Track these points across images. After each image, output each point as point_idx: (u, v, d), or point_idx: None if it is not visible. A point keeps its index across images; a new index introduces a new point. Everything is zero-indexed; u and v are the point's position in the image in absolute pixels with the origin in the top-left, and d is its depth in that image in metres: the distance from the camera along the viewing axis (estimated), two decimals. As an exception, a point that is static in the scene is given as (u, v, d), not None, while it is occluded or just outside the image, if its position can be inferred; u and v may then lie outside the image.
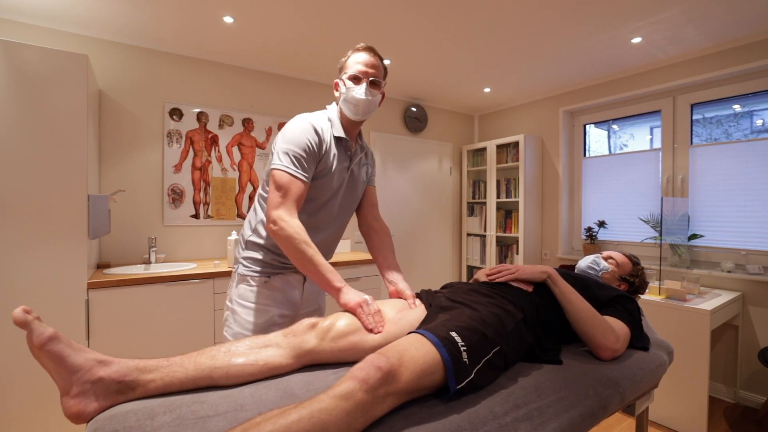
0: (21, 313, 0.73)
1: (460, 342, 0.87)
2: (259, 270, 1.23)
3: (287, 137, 1.14)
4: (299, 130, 1.15)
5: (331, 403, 0.66)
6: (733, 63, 2.57)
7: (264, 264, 1.24)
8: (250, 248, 1.25)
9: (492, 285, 1.21)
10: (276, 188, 1.11)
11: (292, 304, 1.28)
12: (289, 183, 1.11)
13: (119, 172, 2.55)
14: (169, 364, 0.82)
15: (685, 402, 2.14)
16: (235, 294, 1.24)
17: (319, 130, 1.17)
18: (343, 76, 1.23)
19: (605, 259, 1.50)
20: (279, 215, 1.08)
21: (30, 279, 1.79)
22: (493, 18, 2.27)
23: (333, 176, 1.22)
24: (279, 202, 1.09)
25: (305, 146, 1.14)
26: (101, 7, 2.16)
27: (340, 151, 1.24)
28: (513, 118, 4.09)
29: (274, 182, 1.12)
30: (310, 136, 1.15)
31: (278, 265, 1.25)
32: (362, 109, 1.22)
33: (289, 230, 1.07)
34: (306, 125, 1.16)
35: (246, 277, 1.23)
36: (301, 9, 2.18)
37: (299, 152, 1.13)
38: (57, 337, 0.74)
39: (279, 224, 1.08)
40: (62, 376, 0.74)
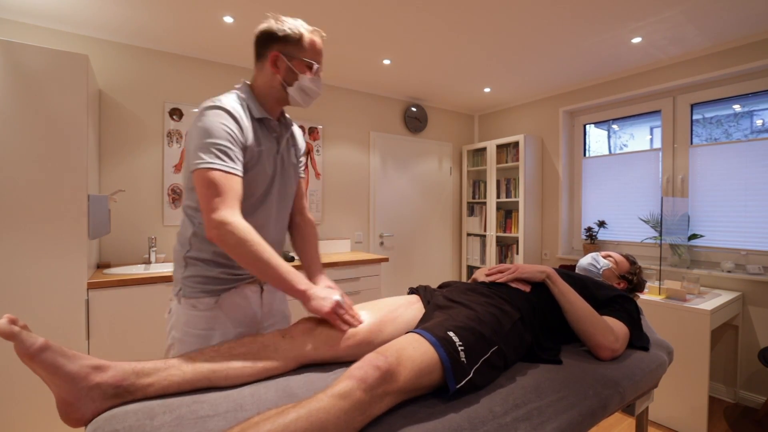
0: (6, 324, 0.67)
1: (458, 342, 0.87)
2: (206, 290, 1.04)
3: (202, 130, 0.96)
4: (213, 119, 0.97)
5: (330, 402, 0.67)
6: (733, 63, 2.57)
7: (211, 280, 1.05)
8: (191, 265, 1.06)
9: (489, 285, 1.21)
10: (207, 189, 0.93)
11: (251, 320, 1.11)
12: (220, 180, 0.94)
13: (119, 172, 2.55)
14: (166, 367, 0.81)
15: (685, 402, 2.14)
16: (181, 321, 1.05)
17: (235, 113, 1.00)
18: (298, 56, 1.05)
19: (604, 258, 1.52)
20: (221, 218, 0.92)
21: (30, 279, 1.79)
22: (493, 18, 2.27)
23: (264, 165, 1.07)
24: (216, 203, 0.93)
25: (226, 135, 0.97)
26: (101, 7, 2.17)
27: (264, 134, 1.08)
28: (513, 118, 4.09)
29: (202, 184, 0.94)
30: (227, 122, 0.98)
31: (228, 278, 1.06)
32: (314, 100, 1.13)
33: (237, 234, 0.92)
34: (218, 111, 0.98)
35: (191, 300, 1.04)
36: (301, 9, 2.18)
37: (221, 143, 0.96)
38: (48, 346, 0.71)
39: (224, 229, 0.91)
40: (57, 384, 0.72)
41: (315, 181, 3.32)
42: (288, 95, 1.09)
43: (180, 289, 1.06)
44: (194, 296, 1.04)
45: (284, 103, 1.12)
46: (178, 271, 1.08)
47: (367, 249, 3.66)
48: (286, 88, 1.08)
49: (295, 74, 1.06)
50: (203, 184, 0.94)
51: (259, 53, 1.08)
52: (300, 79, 1.07)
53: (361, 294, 2.95)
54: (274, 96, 1.10)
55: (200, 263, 1.05)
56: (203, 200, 0.94)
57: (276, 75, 1.06)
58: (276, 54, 1.04)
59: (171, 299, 1.12)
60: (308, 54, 1.06)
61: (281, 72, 1.06)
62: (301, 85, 1.08)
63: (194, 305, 1.04)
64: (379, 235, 3.73)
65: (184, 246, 1.08)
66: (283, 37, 1.04)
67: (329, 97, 3.43)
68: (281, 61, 1.05)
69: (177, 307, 1.07)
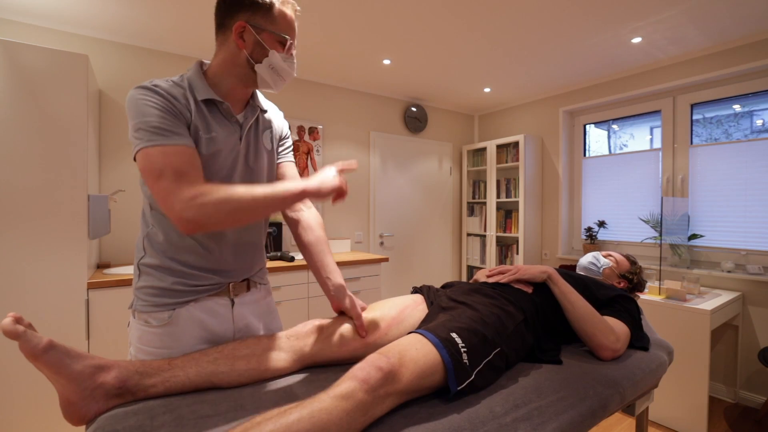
0: (10, 324, 0.66)
1: (461, 343, 0.87)
2: (159, 303, 0.90)
3: (130, 116, 0.83)
4: (139, 98, 0.83)
5: (332, 403, 0.66)
6: (733, 63, 2.57)
7: (164, 292, 0.90)
8: (145, 275, 0.92)
9: (493, 285, 1.21)
10: (152, 174, 0.78)
11: (217, 337, 0.95)
12: (163, 156, 0.79)
13: (119, 172, 2.55)
14: (170, 368, 0.81)
15: (685, 402, 2.14)
16: (135, 338, 0.92)
17: (162, 91, 0.85)
18: (269, 28, 0.89)
19: (605, 257, 1.53)
20: (185, 198, 0.76)
21: (30, 279, 1.79)
22: (494, 18, 2.27)
23: (218, 155, 0.91)
24: (170, 186, 0.77)
25: (155, 110, 0.82)
26: (101, 7, 2.16)
27: (217, 120, 0.92)
28: (513, 118, 4.09)
29: (145, 169, 0.79)
30: (153, 98, 0.83)
31: (184, 290, 0.91)
32: (287, 83, 0.98)
33: (210, 202, 0.77)
34: (142, 90, 0.84)
35: (144, 315, 0.91)
36: (301, 9, 2.18)
37: (152, 119, 0.81)
38: (53, 346, 0.70)
39: (193, 207, 0.76)
40: (61, 384, 0.72)
41: (315, 181, 3.32)
42: (256, 74, 0.92)
43: (133, 301, 0.94)
44: (146, 310, 0.90)
45: (251, 85, 0.95)
46: (134, 281, 0.95)
47: (367, 249, 3.66)
48: (254, 66, 0.91)
49: (264, 50, 0.90)
50: (147, 169, 0.78)
51: (221, 23, 0.91)
52: (270, 55, 0.90)
53: (361, 294, 2.95)
54: (236, 75, 0.93)
55: (153, 271, 0.92)
56: (156, 189, 0.78)
57: (241, 50, 0.90)
58: (242, 24, 0.88)
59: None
60: (280, 27, 0.91)
61: (248, 46, 0.90)
62: (272, 62, 0.91)
63: (146, 320, 0.90)
64: (379, 235, 3.73)
65: (139, 251, 0.95)
66: (249, 4, 0.88)
67: (329, 97, 3.43)
68: (248, 33, 0.88)
69: (132, 322, 0.94)
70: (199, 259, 0.93)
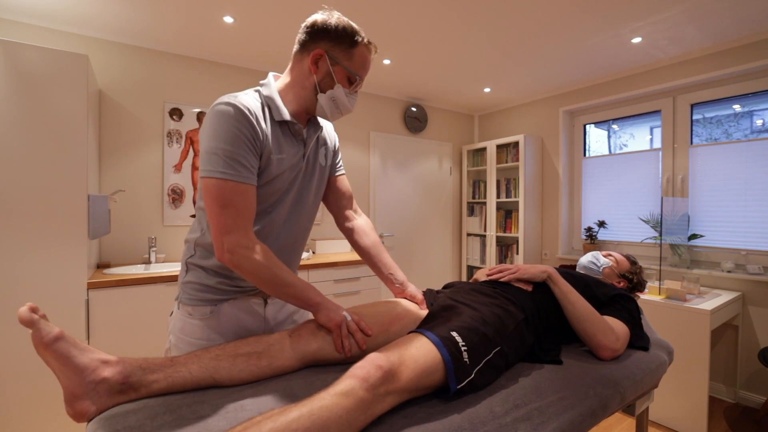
0: (27, 312, 0.70)
1: (461, 342, 0.87)
2: (203, 298, 0.99)
3: (213, 131, 0.86)
4: (225, 119, 0.86)
5: (332, 401, 0.67)
6: (733, 63, 2.57)
7: (209, 290, 0.99)
8: (192, 271, 1.00)
9: (493, 285, 1.21)
10: (216, 203, 0.85)
11: (250, 333, 1.03)
12: (231, 194, 0.85)
13: (119, 172, 2.55)
14: (173, 364, 0.82)
15: (685, 402, 2.14)
16: (177, 327, 1.01)
17: (252, 115, 0.89)
18: (344, 63, 0.94)
19: (605, 257, 1.53)
20: (235, 243, 0.86)
21: (30, 279, 1.79)
22: (493, 18, 2.27)
23: (283, 174, 0.97)
24: (227, 224, 0.85)
25: (239, 139, 0.86)
26: (101, 7, 2.16)
27: (287, 139, 0.97)
28: (513, 118, 4.09)
29: (211, 196, 0.86)
30: (241, 125, 0.86)
31: (227, 289, 1.00)
32: (342, 116, 1.03)
33: (253, 260, 0.87)
34: (232, 110, 0.86)
35: (188, 307, 0.99)
36: (301, 9, 2.18)
37: (232, 149, 0.85)
38: (63, 336, 0.73)
39: (238, 254, 0.86)
40: (67, 375, 0.73)
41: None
42: (317, 102, 0.97)
43: (180, 294, 1.03)
44: (191, 303, 0.99)
45: (311, 109, 1.00)
46: (181, 275, 1.04)
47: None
48: (317, 94, 0.96)
49: (332, 81, 0.95)
50: (212, 196, 0.86)
51: (303, 44, 0.95)
52: (335, 88, 0.95)
53: (361, 294, 2.95)
54: (302, 97, 0.98)
55: (200, 270, 1.00)
56: (212, 216, 0.87)
57: (312, 75, 0.94)
58: (321, 52, 0.92)
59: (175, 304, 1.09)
60: (356, 66, 0.96)
61: (319, 74, 0.94)
62: (335, 95, 0.96)
63: (190, 313, 0.99)
64: (380, 235, 3.73)
65: (189, 250, 1.02)
66: (335, 36, 0.92)
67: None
68: (323, 61, 0.93)
69: (176, 312, 1.03)
70: None
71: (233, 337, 1.00)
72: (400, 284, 1.18)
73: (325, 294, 2.71)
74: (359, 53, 0.95)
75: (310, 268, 2.70)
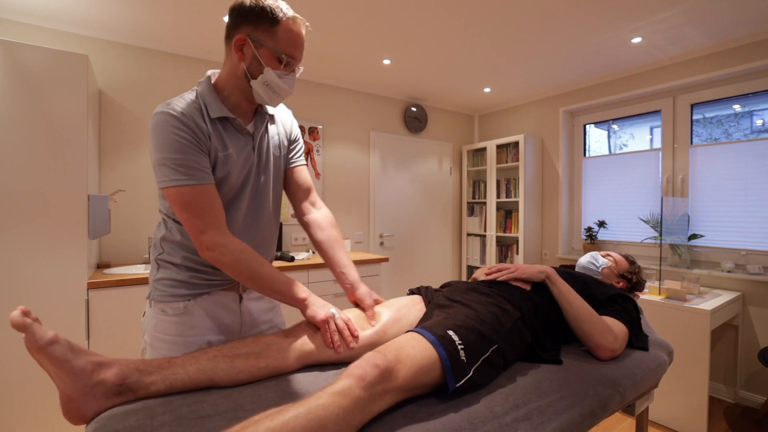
0: (19, 316, 0.69)
1: (458, 340, 0.87)
2: (175, 294, 0.98)
3: (156, 142, 0.88)
4: (164, 128, 0.87)
5: (329, 400, 0.67)
6: (733, 63, 2.57)
7: (181, 284, 0.99)
8: (162, 268, 1.00)
9: (490, 284, 1.21)
10: (182, 209, 0.88)
11: (228, 329, 1.04)
12: (194, 198, 0.88)
13: (119, 172, 2.55)
14: (170, 366, 0.82)
15: (685, 402, 2.14)
16: (151, 326, 1.00)
17: (186, 119, 0.89)
18: (269, 44, 0.89)
19: (603, 257, 1.52)
20: (211, 241, 0.88)
21: (30, 279, 1.79)
22: (494, 18, 2.27)
23: (232, 169, 0.96)
24: (199, 225, 0.88)
25: (182, 146, 0.87)
26: (101, 7, 2.17)
27: (230, 135, 0.96)
28: (513, 118, 4.09)
29: (176, 204, 0.88)
30: (179, 131, 0.87)
31: (199, 282, 1.00)
32: (284, 99, 0.99)
33: (231, 254, 0.90)
34: (167, 118, 0.87)
35: (161, 304, 0.99)
36: (301, 9, 2.18)
37: (179, 157, 0.87)
38: (57, 340, 0.72)
39: (217, 251, 0.89)
40: (62, 379, 0.72)
41: (315, 181, 3.32)
42: (252, 89, 0.94)
43: (151, 292, 1.02)
44: (163, 300, 0.98)
45: (250, 98, 0.97)
46: (152, 274, 1.03)
47: (367, 249, 3.66)
48: (249, 81, 0.93)
49: (260, 65, 0.90)
50: (176, 203, 0.88)
51: (228, 33, 0.92)
52: (265, 72, 0.91)
53: (361, 294, 2.95)
54: (238, 87, 0.94)
55: (171, 266, 1.00)
56: (184, 221, 0.90)
57: (240, 63, 0.91)
58: (242, 37, 0.89)
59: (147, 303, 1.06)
60: (282, 44, 0.90)
61: (246, 60, 0.90)
62: (267, 79, 0.91)
63: (163, 309, 0.98)
64: (379, 235, 3.73)
65: (157, 248, 1.03)
66: (254, 17, 0.88)
67: (329, 97, 3.43)
68: (248, 47, 0.89)
69: (149, 311, 1.02)
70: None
71: (209, 332, 1.00)
72: (351, 284, 1.10)
73: (325, 294, 2.71)
74: (284, 30, 0.89)
75: (309, 268, 2.70)
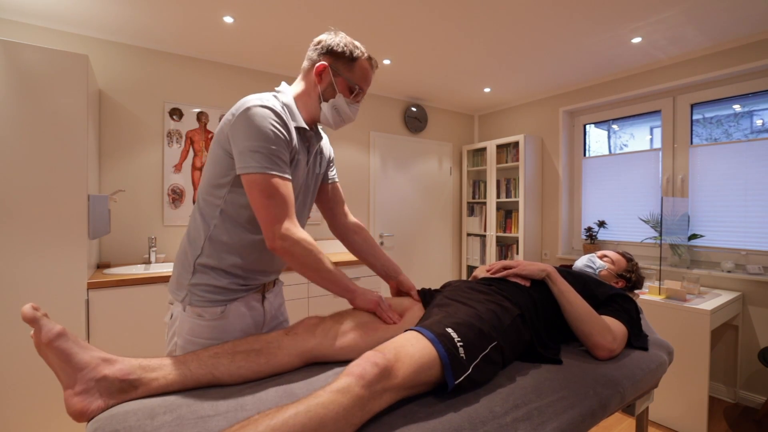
0: (30, 309, 0.73)
1: (457, 338, 0.87)
2: (213, 300, 1.00)
3: (254, 131, 0.91)
4: (265, 120, 0.92)
5: (329, 398, 0.67)
6: (733, 63, 2.57)
7: (220, 290, 1.01)
8: (201, 272, 1.01)
9: (489, 282, 1.22)
10: (264, 195, 0.91)
11: (255, 329, 1.09)
12: (281, 188, 0.93)
13: (119, 172, 2.55)
14: (172, 363, 0.83)
15: (685, 402, 2.14)
16: (185, 330, 1.01)
17: (284, 117, 0.97)
18: (345, 75, 1.04)
19: (600, 258, 1.52)
20: (287, 230, 0.92)
21: (30, 279, 1.79)
22: (494, 18, 2.27)
23: (298, 175, 1.06)
24: (279, 214, 0.92)
25: (279, 139, 0.94)
26: (101, 7, 2.17)
27: (300, 143, 1.05)
28: (513, 118, 4.09)
29: (260, 190, 0.92)
30: (278, 126, 0.94)
31: (237, 288, 1.03)
32: (344, 125, 1.13)
33: (303, 245, 0.94)
34: (269, 112, 0.94)
35: (198, 309, 1.00)
36: (301, 9, 2.18)
37: (275, 148, 0.93)
38: (65, 334, 0.75)
39: (290, 240, 0.93)
40: (67, 373, 0.74)
41: (315, 181, 3.32)
42: (320, 110, 1.07)
43: (186, 296, 1.01)
44: (201, 305, 0.99)
45: (315, 118, 1.09)
46: (184, 276, 1.02)
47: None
48: (321, 103, 1.06)
49: (334, 91, 1.05)
50: (262, 191, 0.91)
51: (310, 58, 1.06)
52: (337, 97, 1.05)
53: (361, 294, 2.95)
54: (309, 105, 1.07)
55: (210, 271, 1.00)
56: (261, 208, 0.92)
57: (317, 86, 1.05)
58: (324, 66, 1.03)
59: (172, 303, 1.07)
60: (356, 77, 1.05)
61: (323, 84, 1.04)
62: (336, 104, 1.06)
63: (200, 314, 0.99)
64: (379, 235, 3.73)
65: (195, 250, 1.01)
66: (338, 52, 1.03)
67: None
68: (326, 74, 1.03)
69: (181, 315, 1.01)
70: (252, 261, 1.04)
71: (240, 334, 1.03)
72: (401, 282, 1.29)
73: (325, 294, 2.72)
74: (359, 66, 1.05)
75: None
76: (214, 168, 0.99)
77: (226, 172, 0.97)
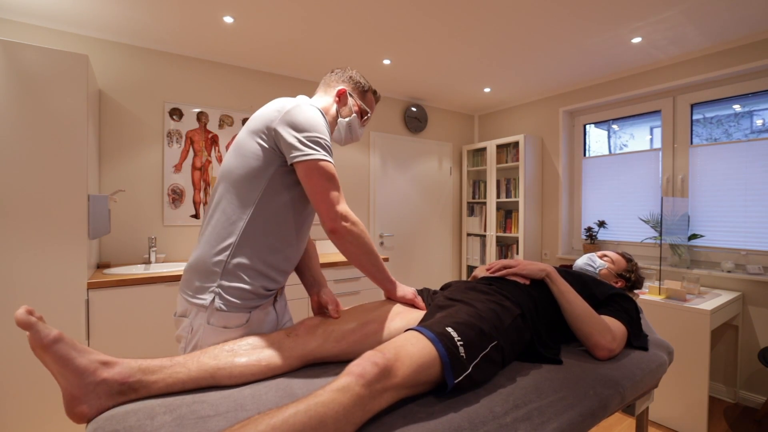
0: (24, 314, 0.70)
1: (457, 337, 0.87)
2: (241, 306, 0.98)
3: (306, 123, 0.98)
4: (315, 115, 1.01)
5: (329, 397, 0.67)
6: (733, 63, 2.57)
7: (248, 295, 0.98)
8: (231, 274, 0.97)
9: (490, 281, 1.22)
10: (326, 179, 0.97)
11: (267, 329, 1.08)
12: (334, 173, 0.99)
13: (119, 172, 2.55)
14: (172, 365, 0.82)
15: (685, 402, 2.14)
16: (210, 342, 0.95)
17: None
18: (360, 102, 1.22)
19: (600, 258, 1.52)
20: (346, 211, 0.99)
21: (30, 279, 1.79)
22: (493, 18, 2.27)
23: None
24: (338, 196, 0.99)
25: (328, 132, 1.04)
26: (101, 7, 2.17)
27: None
28: (513, 118, 4.09)
29: (321, 175, 0.96)
30: (326, 122, 1.06)
31: (264, 293, 1.02)
32: (350, 142, 1.28)
33: (359, 226, 1.01)
34: (318, 111, 1.04)
35: (223, 321, 0.96)
36: (301, 9, 2.18)
37: (328, 140, 1.02)
38: (61, 338, 0.73)
39: (350, 220, 0.99)
40: (66, 377, 0.73)
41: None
42: (335, 126, 1.19)
43: (212, 300, 0.96)
44: (229, 310, 0.96)
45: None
46: (208, 276, 0.97)
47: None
48: (337, 119, 1.19)
49: (350, 112, 1.20)
50: (322, 175, 0.97)
51: (329, 83, 1.21)
52: (352, 117, 1.20)
53: (361, 294, 2.95)
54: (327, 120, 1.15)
55: (242, 272, 0.97)
56: (323, 191, 0.97)
57: (335, 104, 1.19)
58: (344, 90, 1.19)
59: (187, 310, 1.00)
60: (367, 104, 1.25)
61: (341, 104, 1.19)
62: (351, 122, 1.20)
63: (226, 325, 0.96)
64: (379, 235, 3.73)
65: (220, 252, 0.97)
66: (355, 83, 1.22)
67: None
68: (345, 97, 1.19)
69: (202, 321, 0.96)
70: (283, 261, 1.06)
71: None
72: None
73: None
74: (369, 97, 1.26)
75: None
76: (249, 161, 1.00)
77: (266, 167, 0.99)
